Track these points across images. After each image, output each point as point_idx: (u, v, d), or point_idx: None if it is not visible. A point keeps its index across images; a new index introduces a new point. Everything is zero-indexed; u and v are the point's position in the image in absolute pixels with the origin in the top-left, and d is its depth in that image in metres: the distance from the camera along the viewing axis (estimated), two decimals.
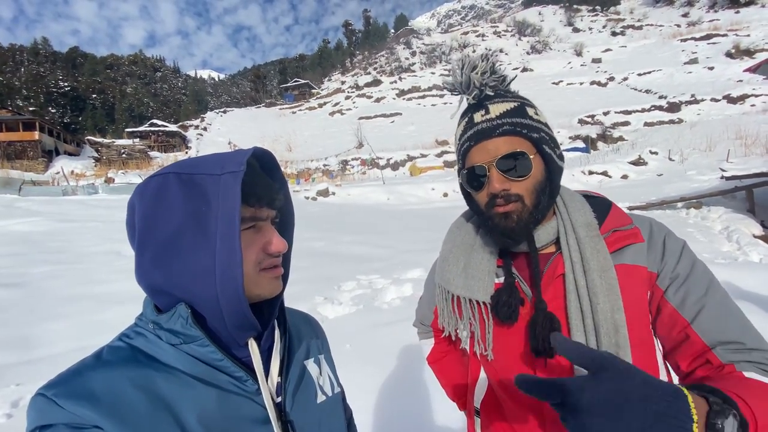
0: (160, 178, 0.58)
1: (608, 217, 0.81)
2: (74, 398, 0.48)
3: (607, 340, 0.71)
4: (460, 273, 0.85)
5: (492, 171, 0.75)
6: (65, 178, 27.60)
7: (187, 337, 0.56)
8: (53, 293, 4.83)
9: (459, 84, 0.81)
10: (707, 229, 7.15)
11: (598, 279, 0.73)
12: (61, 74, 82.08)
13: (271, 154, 0.68)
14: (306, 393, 0.69)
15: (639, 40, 58.75)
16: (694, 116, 27.90)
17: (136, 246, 0.58)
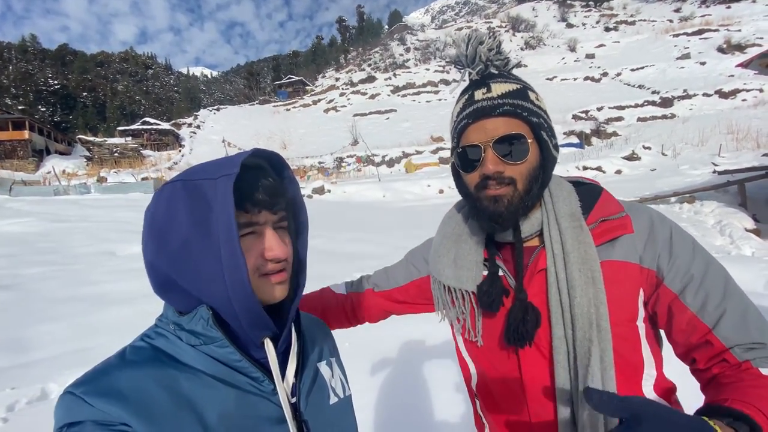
0: (170, 186, 0.60)
1: (596, 205, 0.78)
2: (102, 396, 0.50)
3: (581, 334, 0.70)
4: (451, 263, 0.85)
5: (488, 152, 0.73)
6: (56, 177, 27.27)
7: (208, 338, 0.58)
8: (47, 295, 4.77)
9: (464, 57, 0.78)
10: (700, 223, 7.23)
11: (576, 273, 0.71)
12: (51, 72, 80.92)
13: (279, 156, 0.67)
14: (319, 394, 0.70)
15: (632, 35, 59.03)
16: (686, 111, 28.13)
17: (152, 253, 0.59)
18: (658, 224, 0.76)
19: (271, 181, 0.62)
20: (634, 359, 0.74)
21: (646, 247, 0.74)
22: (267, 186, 0.61)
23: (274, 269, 0.61)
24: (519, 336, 0.74)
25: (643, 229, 0.75)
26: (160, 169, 30.95)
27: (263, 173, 0.62)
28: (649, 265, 0.74)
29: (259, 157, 0.65)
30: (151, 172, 29.36)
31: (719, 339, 0.68)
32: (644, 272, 0.74)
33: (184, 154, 38.51)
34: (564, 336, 0.72)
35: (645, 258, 0.74)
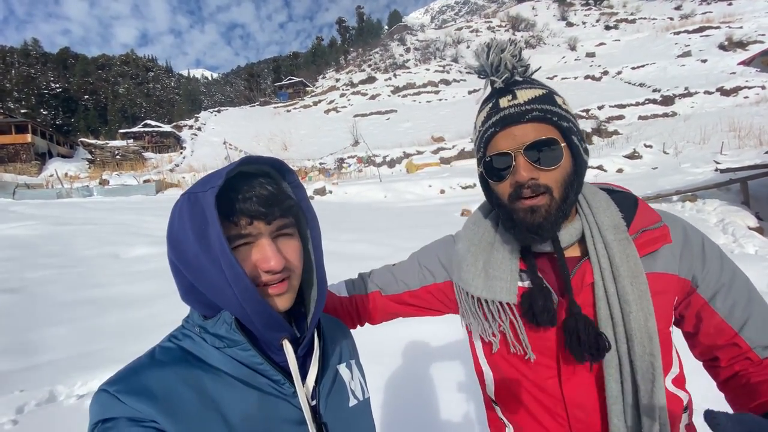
0: (181, 198, 0.62)
1: (636, 215, 0.78)
2: (134, 394, 0.53)
3: (641, 349, 0.70)
4: (480, 273, 0.80)
5: (519, 158, 0.71)
6: (59, 180, 27.38)
7: (231, 342, 0.61)
8: (52, 298, 4.80)
9: (488, 66, 0.76)
10: (703, 222, 7.21)
11: (629, 286, 0.70)
12: (53, 76, 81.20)
13: (281, 162, 0.67)
14: (339, 396, 0.71)
15: (632, 33, 58.87)
16: (687, 109, 28.04)
17: (174, 261, 0.62)
18: (691, 234, 0.78)
19: (268, 189, 0.61)
20: (667, 361, 0.76)
21: (682, 257, 0.76)
22: (261, 196, 0.60)
23: (271, 280, 0.61)
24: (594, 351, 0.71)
25: (679, 239, 0.76)
26: (162, 171, 31.00)
27: (260, 182, 0.61)
28: (685, 275, 0.75)
29: (262, 163, 0.64)
30: (153, 174, 29.43)
31: (745, 340, 0.73)
32: (680, 281, 0.76)
33: (186, 156, 38.59)
34: (617, 351, 0.71)
35: (682, 268, 0.76)
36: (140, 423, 0.51)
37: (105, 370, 3.00)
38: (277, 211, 0.62)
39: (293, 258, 0.64)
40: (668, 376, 0.77)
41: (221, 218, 0.58)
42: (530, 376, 0.79)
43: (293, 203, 0.65)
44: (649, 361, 0.70)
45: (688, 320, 0.78)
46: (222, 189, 0.59)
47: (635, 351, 0.70)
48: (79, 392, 2.80)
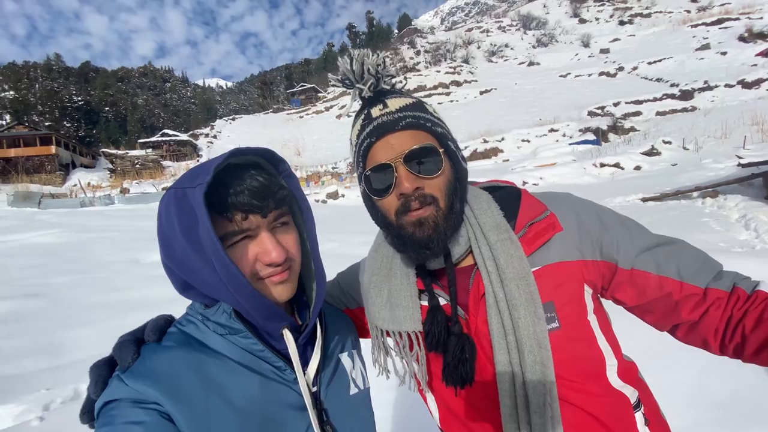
0: (167, 194, 0.61)
1: (520, 209, 0.75)
2: (138, 378, 0.54)
3: (531, 358, 0.65)
4: (385, 304, 0.77)
5: (400, 169, 0.67)
6: (82, 190, 28.34)
7: (232, 330, 0.61)
8: (75, 302, 4.99)
9: (351, 73, 0.74)
10: (724, 218, 7.00)
11: (516, 289, 0.67)
12: (75, 89, 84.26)
13: (271, 152, 0.65)
14: (339, 384, 0.72)
15: (648, 28, 57.71)
16: (707, 103, 27.28)
17: (164, 259, 0.62)
18: (583, 213, 0.74)
19: (260, 181, 0.59)
20: (592, 355, 0.71)
21: (582, 239, 0.71)
22: (253, 188, 0.58)
23: (272, 273, 0.61)
24: (459, 377, 0.69)
25: (572, 224, 0.72)
26: None
27: (251, 173, 0.60)
28: (592, 256, 0.71)
29: (252, 154, 0.63)
30: (171, 182, 30.21)
31: (692, 284, 0.67)
32: (588, 264, 0.71)
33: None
34: (509, 361, 0.67)
35: (585, 250, 0.71)
36: (142, 404, 0.52)
37: None
38: (272, 202, 0.60)
39: (292, 248, 0.64)
40: (608, 372, 0.71)
41: (213, 214, 0.56)
42: (468, 399, 0.74)
43: (286, 193, 0.64)
44: (541, 371, 0.65)
45: (628, 295, 0.72)
46: (212, 184, 0.56)
47: (526, 361, 0.65)
48: None
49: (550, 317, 0.68)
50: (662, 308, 0.70)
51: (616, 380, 0.72)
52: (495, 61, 62.34)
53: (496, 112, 36.03)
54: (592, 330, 0.71)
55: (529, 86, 45.26)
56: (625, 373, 0.74)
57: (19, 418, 2.55)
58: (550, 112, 31.55)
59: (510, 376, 0.67)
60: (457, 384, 0.69)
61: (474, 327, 0.71)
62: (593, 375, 0.70)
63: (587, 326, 0.71)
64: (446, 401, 0.78)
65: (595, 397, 0.69)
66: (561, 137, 25.62)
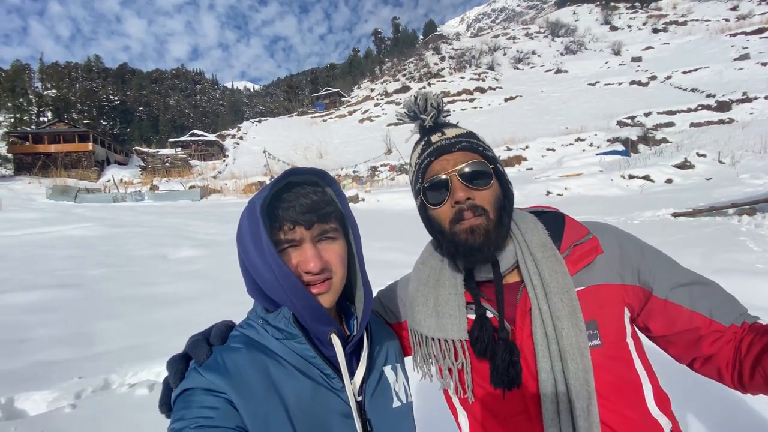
0: (247, 204, 0.70)
1: (565, 232, 0.81)
2: (212, 370, 0.62)
3: (574, 365, 0.69)
4: (431, 312, 0.82)
5: (454, 180, 0.77)
6: (115, 185, 29.57)
7: (289, 335, 0.68)
8: (108, 294, 5.21)
9: (416, 107, 0.86)
10: (761, 238, 6.66)
11: (559, 302, 0.72)
12: (112, 89, 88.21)
13: (324, 173, 0.74)
14: (383, 396, 0.75)
15: (683, 36, 55.77)
16: (746, 115, 26.03)
17: (241, 260, 0.71)
18: (625, 240, 0.80)
19: (311, 198, 0.68)
20: (630, 377, 0.74)
21: (623, 265, 0.77)
22: (303, 204, 0.67)
23: (312, 281, 0.67)
24: (510, 378, 0.73)
25: (614, 248, 0.78)
26: (206, 178, 32.72)
27: (305, 191, 0.69)
28: (631, 281, 0.76)
29: (308, 173, 0.73)
30: (198, 181, 31.13)
31: (718, 322, 0.72)
32: (628, 289, 0.76)
33: (228, 164, 40.51)
34: (551, 369, 0.71)
35: (625, 275, 0.77)
36: (214, 393, 0.59)
37: (153, 362, 3.21)
38: (315, 217, 0.68)
39: (334, 260, 0.70)
40: (647, 397, 0.74)
41: (271, 224, 0.67)
42: (501, 414, 0.77)
43: (333, 210, 0.71)
44: (583, 377, 0.69)
45: (657, 323, 0.76)
46: (273, 198, 0.68)
47: (569, 368, 0.69)
48: (131, 381, 3.02)
49: (592, 334, 0.72)
50: (686, 341, 0.74)
51: (653, 407, 0.75)
52: (521, 68, 61.51)
53: (520, 120, 35.52)
54: (630, 352, 0.76)
55: (555, 94, 44.40)
56: (661, 401, 0.76)
57: (52, 404, 2.69)
58: (577, 121, 30.83)
59: (553, 384, 0.71)
60: (506, 386, 0.73)
61: (520, 340, 0.75)
62: (631, 398, 0.73)
63: (626, 348, 0.75)
64: (478, 416, 0.81)
65: (632, 421, 0.72)
66: (588, 147, 24.98)
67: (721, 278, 3.99)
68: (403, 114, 0.89)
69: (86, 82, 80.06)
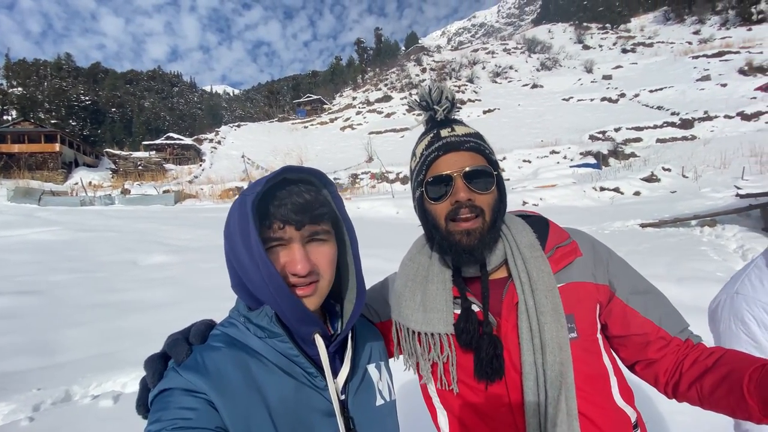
0: (236, 198, 0.70)
1: (549, 234, 0.87)
2: (191, 370, 0.60)
3: (552, 358, 0.74)
4: (418, 307, 0.84)
5: (458, 181, 0.79)
6: (83, 188, 28.35)
7: (271, 333, 0.67)
8: (72, 300, 4.96)
9: (429, 97, 0.87)
10: (721, 248, 7.04)
11: (544, 299, 0.77)
12: (83, 89, 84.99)
13: (320, 173, 0.73)
14: (367, 394, 0.75)
15: (650, 57, 58.75)
16: (707, 133, 27.58)
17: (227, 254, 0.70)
18: (597, 245, 0.88)
19: (304, 197, 0.66)
20: (599, 369, 0.81)
21: (596, 266, 0.84)
22: (296, 203, 0.66)
23: (298, 282, 0.67)
24: (493, 370, 0.76)
25: (588, 251, 0.86)
26: (181, 183, 31.82)
27: (299, 190, 0.67)
28: (602, 281, 0.83)
29: (305, 172, 0.71)
30: (173, 185, 30.23)
31: (666, 331, 0.81)
32: (599, 288, 0.83)
33: (204, 169, 39.55)
34: (533, 362, 0.75)
35: (597, 275, 0.83)
36: (193, 393, 0.58)
37: (120, 372, 3.08)
38: (308, 218, 0.67)
39: (322, 263, 0.69)
40: (613, 389, 0.80)
41: (261, 220, 0.66)
42: (483, 409, 0.80)
43: (326, 211, 0.71)
44: (559, 369, 0.74)
45: (614, 323, 0.84)
46: (265, 194, 0.67)
47: (547, 360, 0.74)
48: (94, 393, 2.88)
49: (570, 327, 0.79)
50: (636, 344, 0.83)
51: (618, 398, 0.82)
52: (499, 82, 63.22)
53: (498, 132, 36.37)
54: (599, 346, 0.82)
55: (532, 108, 45.81)
56: (625, 393, 0.83)
57: (8, 417, 2.53)
58: (551, 134, 31.87)
59: (535, 377, 0.75)
60: (489, 378, 0.77)
61: (504, 333, 0.79)
62: (600, 388, 0.81)
63: (596, 342, 0.82)
64: (459, 414, 0.83)
65: (602, 410, 0.77)
66: (562, 159, 25.82)
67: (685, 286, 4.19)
68: (415, 102, 0.89)
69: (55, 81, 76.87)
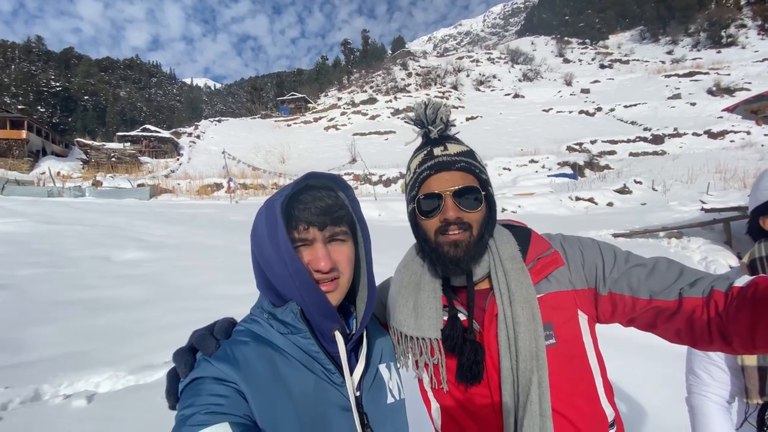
0: (264, 203, 0.75)
1: (530, 246, 0.91)
2: (223, 361, 0.64)
3: (524, 365, 0.79)
4: (411, 313, 0.89)
5: (448, 200, 0.84)
6: (51, 179, 27.08)
7: (295, 329, 0.71)
8: (41, 297, 4.75)
9: (425, 117, 0.90)
10: (687, 259, 7.42)
11: (520, 310, 0.81)
12: (54, 74, 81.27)
13: (339, 178, 0.78)
14: (379, 392, 0.79)
15: (626, 73, 61.16)
16: (676, 149, 28.93)
17: (255, 254, 0.75)
18: (569, 249, 0.89)
19: (326, 201, 0.73)
20: (583, 371, 0.84)
21: (572, 273, 0.87)
22: (319, 207, 0.72)
23: (321, 279, 0.72)
24: (472, 375, 0.82)
25: (576, 258, 0.88)
26: (157, 177, 30.84)
27: (321, 194, 0.74)
28: (581, 286, 0.86)
29: (326, 178, 0.78)
30: (148, 179, 29.27)
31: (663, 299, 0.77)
32: (578, 293, 0.86)
33: (182, 163, 38.48)
34: (510, 367, 0.81)
35: (576, 282, 0.86)
36: (224, 382, 0.62)
37: (93, 371, 2.98)
38: (329, 220, 0.73)
39: (342, 261, 0.74)
40: (598, 388, 0.84)
41: (286, 223, 0.71)
42: (468, 407, 0.86)
43: (345, 214, 0.77)
44: (529, 376, 0.78)
45: (615, 315, 0.85)
46: (291, 198, 0.73)
47: (520, 366, 0.79)
48: (66, 392, 2.78)
49: (548, 335, 0.82)
50: (644, 322, 0.82)
51: (602, 398, 0.85)
52: (483, 90, 64.39)
53: (480, 139, 37.01)
54: (585, 350, 0.85)
55: (513, 117, 46.84)
56: (608, 393, 0.87)
57: None
58: (531, 144, 32.69)
59: (511, 381, 0.81)
60: (469, 381, 0.83)
61: (487, 340, 0.84)
62: (584, 390, 0.83)
63: (581, 346, 0.85)
64: (449, 408, 0.89)
65: (580, 410, 0.81)
66: (540, 168, 26.52)
67: None
68: (410, 119, 0.94)
69: (24, 64, 73.25)
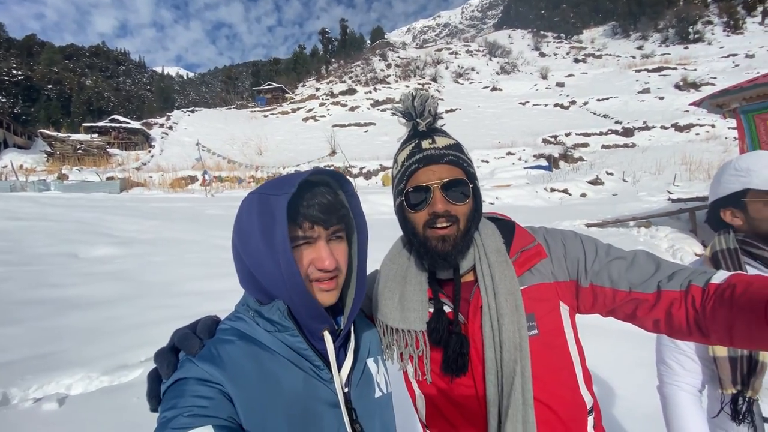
0: (252, 196, 0.72)
1: (514, 239, 0.92)
2: (207, 361, 0.62)
3: (508, 356, 0.81)
4: (396, 306, 0.89)
5: (436, 192, 0.84)
6: (14, 172, 25.66)
7: (282, 327, 0.69)
8: (4, 296, 4.52)
9: (413, 109, 0.90)
10: (655, 247, 7.75)
11: (504, 302, 0.82)
12: (15, 62, 76.55)
13: (340, 175, 0.77)
14: (367, 387, 0.79)
15: (599, 68, 62.66)
16: (645, 141, 30.00)
17: (238, 250, 0.72)
18: (552, 242, 0.91)
19: (328, 199, 0.71)
20: (564, 361, 0.86)
21: (554, 265, 0.89)
22: (322, 204, 0.70)
23: (323, 278, 0.71)
24: (458, 366, 0.83)
25: (558, 250, 0.90)
26: (128, 169, 29.66)
27: (322, 191, 0.71)
28: (563, 278, 0.88)
29: (324, 174, 0.75)
30: (118, 172, 28.11)
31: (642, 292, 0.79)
32: (560, 285, 0.87)
33: (154, 155, 37.11)
34: (494, 358, 0.82)
35: (558, 274, 0.88)
36: (208, 383, 0.60)
37: (63, 373, 2.88)
38: (334, 218, 0.72)
39: (341, 259, 0.74)
40: (577, 376, 0.87)
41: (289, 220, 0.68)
42: (453, 397, 0.87)
43: (346, 212, 0.76)
44: (512, 367, 0.80)
45: (596, 306, 0.87)
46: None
47: (503, 357, 0.81)
48: (35, 395, 2.67)
49: (531, 326, 0.84)
50: (623, 313, 0.84)
51: (582, 385, 0.88)
52: (461, 82, 64.71)
53: (458, 131, 37.15)
54: (566, 340, 0.87)
55: (490, 110, 47.38)
56: (587, 380, 0.90)
57: None
58: (508, 136, 33.20)
59: (496, 371, 0.82)
60: (455, 373, 0.84)
61: (471, 332, 0.86)
62: (564, 379, 0.86)
63: (562, 336, 0.87)
64: (433, 399, 0.90)
65: (560, 398, 0.84)
66: (517, 161, 27.03)
67: None
68: (398, 111, 0.92)
69: None
